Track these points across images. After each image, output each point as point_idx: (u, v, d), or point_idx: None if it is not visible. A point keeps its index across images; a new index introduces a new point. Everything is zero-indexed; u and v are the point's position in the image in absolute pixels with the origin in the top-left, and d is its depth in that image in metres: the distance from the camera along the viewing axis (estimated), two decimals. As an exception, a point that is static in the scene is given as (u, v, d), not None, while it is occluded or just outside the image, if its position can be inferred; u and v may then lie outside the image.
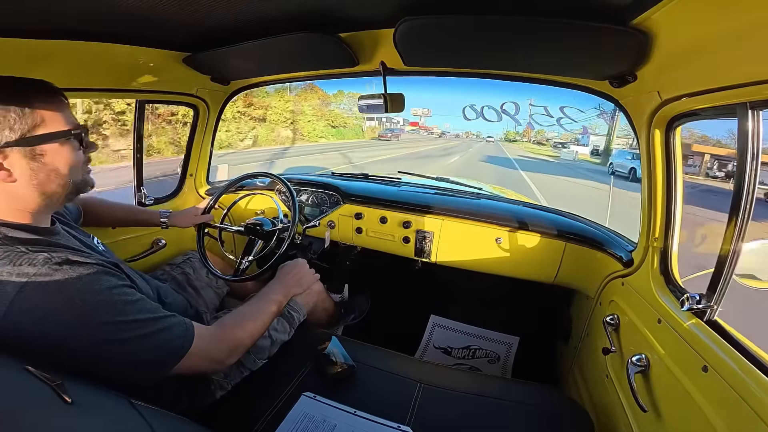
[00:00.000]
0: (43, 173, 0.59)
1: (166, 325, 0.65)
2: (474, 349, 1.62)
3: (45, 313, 0.52)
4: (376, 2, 0.74)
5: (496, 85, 6.36)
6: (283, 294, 1.00)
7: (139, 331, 0.60)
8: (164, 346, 0.64)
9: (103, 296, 0.57)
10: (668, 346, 0.73)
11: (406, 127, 42.14)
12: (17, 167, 0.57)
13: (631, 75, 0.79)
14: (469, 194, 1.58)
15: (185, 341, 0.66)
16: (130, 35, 0.87)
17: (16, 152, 0.56)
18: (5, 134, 0.55)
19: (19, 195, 0.59)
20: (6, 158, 0.56)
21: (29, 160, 0.58)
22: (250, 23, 0.83)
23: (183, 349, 0.66)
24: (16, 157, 0.57)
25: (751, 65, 0.53)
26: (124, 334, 0.58)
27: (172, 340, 0.65)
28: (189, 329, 0.69)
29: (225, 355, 0.76)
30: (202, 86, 1.35)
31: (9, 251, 0.53)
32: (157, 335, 0.62)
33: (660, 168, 0.86)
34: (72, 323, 0.53)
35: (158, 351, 0.63)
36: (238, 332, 0.81)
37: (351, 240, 1.57)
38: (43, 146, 0.59)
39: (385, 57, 1.02)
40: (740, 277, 0.66)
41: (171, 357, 0.64)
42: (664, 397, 0.72)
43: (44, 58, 0.84)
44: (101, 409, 0.47)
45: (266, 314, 0.91)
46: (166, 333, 0.64)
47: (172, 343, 0.65)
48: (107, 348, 0.56)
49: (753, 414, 0.50)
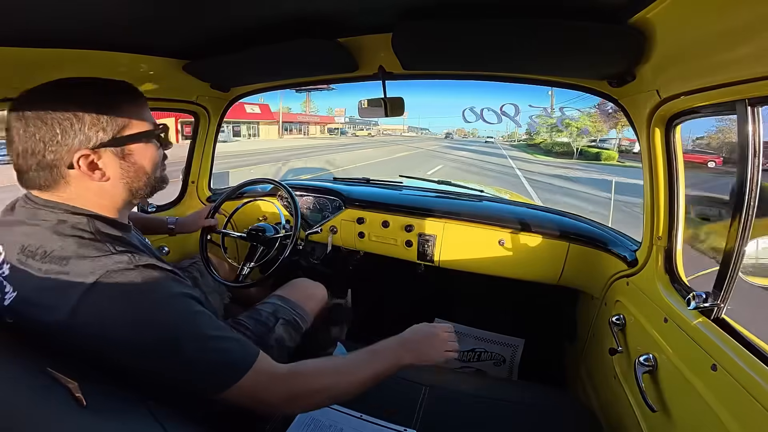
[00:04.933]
0: (131, 171, 0.62)
1: (227, 346, 0.58)
2: (479, 351, 1.61)
3: (120, 313, 0.51)
4: (374, 7, 0.75)
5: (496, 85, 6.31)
6: (406, 358, 0.72)
7: (207, 344, 0.56)
8: (216, 369, 0.57)
9: (179, 305, 0.56)
10: (676, 345, 0.73)
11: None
12: (110, 166, 0.59)
13: (630, 74, 0.79)
14: (471, 197, 1.58)
15: (236, 371, 0.57)
16: (131, 44, 0.88)
17: (108, 152, 0.59)
18: (99, 135, 0.57)
19: (110, 192, 0.61)
20: (100, 158, 0.58)
21: (120, 159, 0.60)
22: (249, 30, 0.83)
23: (235, 374, 0.57)
24: (109, 157, 0.59)
25: (749, 62, 0.53)
26: (192, 346, 0.55)
27: (227, 363, 0.57)
28: (249, 357, 0.59)
29: (278, 401, 0.61)
30: (202, 93, 1.36)
31: (99, 247, 0.55)
32: (216, 353, 0.57)
33: (661, 167, 0.86)
34: (146, 327, 0.52)
35: (212, 371, 0.57)
36: (312, 381, 0.64)
37: (353, 245, 1.57)
38: (131, 146, 0.61)
39: (384, 61, 1.02)
40: (746, 274, 0.66)
41: (219, 382, 0.56)
42: (673, 397, 0.71)
43: (47, 67, 0.84)
44: (116, 414, 0.46)
45: (366, 372, 0.68)
46: (224, 354, 0.58)
47: (222, 368, 0.57)
48: (168, 361, 0.54)
49: (764, 412, 0.49)
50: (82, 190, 0.59)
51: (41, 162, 0.56)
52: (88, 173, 0.57)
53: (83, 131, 0.56)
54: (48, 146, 0.55)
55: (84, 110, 0.56)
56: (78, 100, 0.57)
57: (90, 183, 0.59)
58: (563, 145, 23.85)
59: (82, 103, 0.56)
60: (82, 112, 0.56)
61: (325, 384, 0.65)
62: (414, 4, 0.70)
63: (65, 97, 0.57)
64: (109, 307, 0.51)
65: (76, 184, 0.58)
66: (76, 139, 0.56)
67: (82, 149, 0.56)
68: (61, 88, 0.59)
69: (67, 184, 0.58)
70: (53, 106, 0.55)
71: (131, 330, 0.52)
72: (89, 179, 0.58)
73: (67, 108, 0.56)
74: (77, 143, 0.56)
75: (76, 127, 0.56)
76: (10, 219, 0.58)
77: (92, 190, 0.59)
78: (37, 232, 0.54)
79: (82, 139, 0.56)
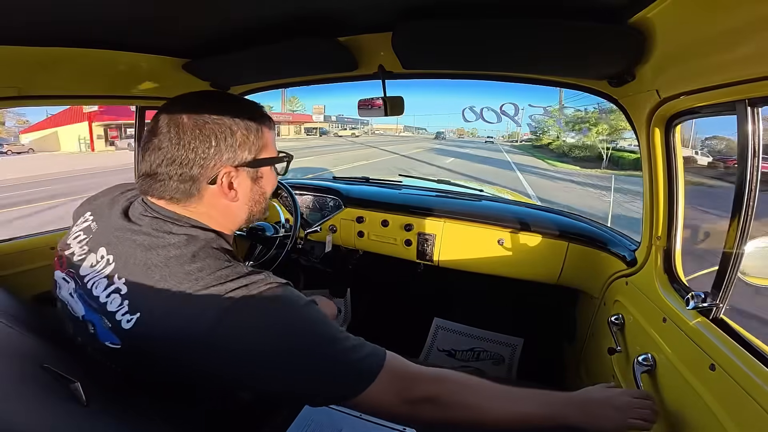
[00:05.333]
0: (257, 195, 0.61)
1: (356, 344, 0.55)
2: (478, 351, 1.61)
3: (263, 331, 0.49)
4: (374, 6, 0.75)
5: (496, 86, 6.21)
6: (572, 416, 0.60)
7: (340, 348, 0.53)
8: (351, 373, 0.53)
9: (313, 314, 0.53)
10: (674, 345, 0.73)
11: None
12: (242, 187, 0.58)
13: (630, 74, 0.79)
14: (470, 196, 1.58)
15: (371, 373, 0.53)
16: (131, 42, 0.88)
17: (244, 173, 0.58)
18: (244, 155, 0.56)
19: (234, 213, 0.60)
20: (236, 178, 0.57)
21: (252, 181, 0.60)
22: (249, 29, 0.83)
23: (370, 375, 0.53)
24: (243, 178, 0.58)
25: (749, 62, 0.53)
26: (329, 352, 0.52)
27: (362, 365, 0.54)
28: (378, 357, 0.55)
29: (415, 399, 0.55)
30: (203, 93, 1.36)
31: (232, 266, 0.52)
32: (350, 356, 0.53)
33: (661, 166, 0.86)
34: (290, 340, 0.50)
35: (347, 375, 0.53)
36: (456, 392, 0.58)
37: (353, 244, 1.57)
38: (262, 169, 0.61)
39: (384, 60, 1.02)
40: (745, 274, 0.66)
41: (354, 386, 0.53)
42: (671, 397, 0.71)
43: (46, 65, 0.84)
44: (116, 411, 0.46)
45: (515, 408, 0.59)
46: (357, 355, 0.54)
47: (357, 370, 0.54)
48: (305, 372, 0.51)
49: (762, 412, 0.50)
50: (211, 207, 0.57)
51: (184, 174, 0.53)
52: (224, 191, 0.56)
53: (233, 147, 0.55)
54: (198, 159, 0.53)
55: (237, 126, 0.55)
56: (232, 115, 0.55)
57: (220, 201, 0.57)
58: (582, 148, 19.20)
59: (235, 118, 0.55)
60: (235, 127, 0.55)
61: (469, 401, 0.58)
62: (414, 4, 0.69)
63: (221, 109, 0.55)
64: (253, 325, 0.49)
65: (207, 201, 0.56)
66: (225, 155, 0.54)
67: (227, 166, 0.55)
68: (214, 99, 0.58)
69: (199, 200, 0.56)
70: (211, 116, 0.54)
71: (275, 347, 0.49)
72: (222, 197, 0.57)
73: (223, 121, 0.54)
74: (225, 159, 0.55)
75: (229, 141, 0.54)
76: (123, 226, 0.54)
77: (219, 208, 0.58)
78: (164, 246, 0.51)
79: (230, 156, 0.55)
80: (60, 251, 0.61)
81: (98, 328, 0.51)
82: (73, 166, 11.71)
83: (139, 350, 0.49)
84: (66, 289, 0.56)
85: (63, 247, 0.60)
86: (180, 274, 0.49)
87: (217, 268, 0.50)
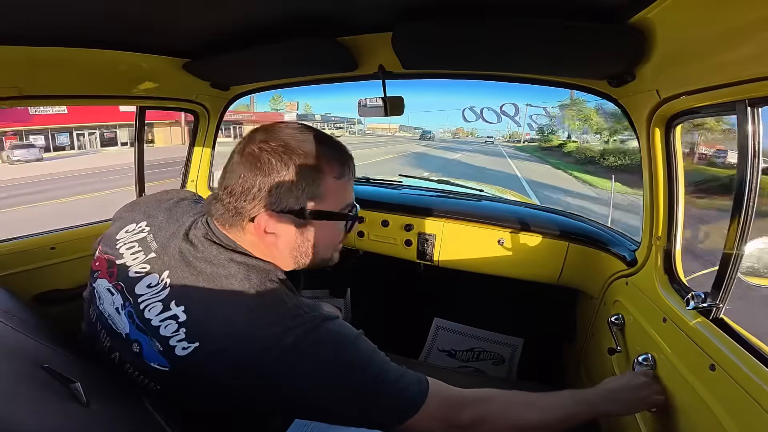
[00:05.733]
0: (304, 246, 0.59)
1: (400, 375, 0.56)
2: (478, 351, 1.61)
3: (321, 367, 0.50)
4: (374, 6, 0.75)
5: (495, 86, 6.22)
6: (601, 407, 0.67)
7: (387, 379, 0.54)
8: (396, 403, 0.54)
9: (364, 347, 0.54)
10: (674, 345, 0.73)
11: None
12: (284, 235, 0.56)
13: (630, 74, 0.79)
14: (471, 196, 1.58)
15: (415, 402, 0.55)
16: (131, 42, 0.88)
17: (288, 219, 0.55)
18: (288, 202, 0.53)
19: (279, 257, 0.58)
20: (276, 223, 0.55)
21: (297, 231, 0.57)
22: (249, 29, 0.83)
23: (413, 404, 0.54)
24: (286, 225, 0.55)
25: (750, 62, 0.53)
26: (378, 384, 0.53)
27: (406, 395, 0.55)
28: (422, 385, 0.57)
29: (462, 425, 0.57)
30: (202, 92, 1.36)
31: (293, 301, 0.53)
32: (395, 386, 0.54)
33: (661, 167, 0.86)
34: (346, 376, 0.51)
35: (393, 406, 0.54)
36: (498, 411, 0.60)
37: (353, 244, 1.57)
38: (315, 221, 0.58)
39: (384, 60, 1.02)
40: (745, 274, 0.66)
41: (400, 415, 0.54)
42: (671, 397, 0.71)
43: (47, 65, 0.84)
44: (117, 412, 0.46)
45: (557, 412, 0.63)
46: (402, 384, 0.55)
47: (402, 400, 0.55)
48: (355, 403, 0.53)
49: (762, 412, 0.50)
50: (256, 243, 0.56)
51: (230, 204, 0.54)
52: (260, 233, 0.54)
53: (278, 191, 0.52)
54: (244, 193, 0.52)
55: (287, 167, 0.52)
56: (290, 153, 0.52)
57: (262, 240, 0.55)
58: (617, 154, 13.35)
59: (292, 157, 0.52)
60: (286, 168, 0.52)
61: (515, 416, 0.61)
62: (414, 4, 0.69)
63: (284, 145, 0.53)
64: (309, 362, 0.49)
65: (249, 238, 0.55)
66: (267, 199, 0.52)
67: (268, 210, 0.53)
68: (288, 132, 0.55)
69: (243, 233, 0.55)
70: (269, 152, 0.52)
71: (325, 382, 0.50)
72: (261, 238, 0.55)
73: (278, 159, 0.52)
74: (266, 203, 0.53)
75: (276, 182, 0.52)
76: (185, 249, 0.54)
77: (262, 247, 0.56)
78: (226, 277, 0.51)
79: (273, 200, 0.52)
80: (105, 256, 0.59)
81: (145, 348, 0.50)
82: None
83: (190, 376, 0.49)
84: (110, 302, 0.55)
85: (111, 253, 0.58)
86: (242, 309, 0.49)
87: (279, 304, 0.51)
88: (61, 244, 1.16)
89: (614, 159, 13.42)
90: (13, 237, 1.13)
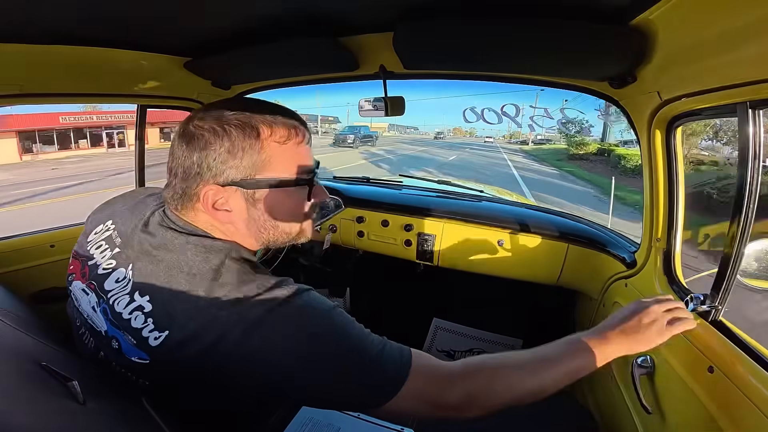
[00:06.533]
0: (261, 221, 0.57)
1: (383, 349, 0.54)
2: (477, 351, 1.61)
3: (296, 340, 0.49)
4: (375, 6, 0.75)
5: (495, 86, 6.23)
6: (613, 353, 0.60)
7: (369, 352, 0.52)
8: (380, 379, 0.52)
9: (340, 319, 0.53)
10: (673, 347, 0.73)
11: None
12: (236, 211, 0.55)
13: (631, 76, 0.79)
14: (471, 197, 1.58)
15: (398, 378, 0.52)
16: (132, 41, 0.88)
17: (237, 193, 0.54)
18: (230, 172, 0.52)
19: (238, 235, 0.57)
20: (223, 198, 0.54)
21: (247, 204, 0.55)
22: (250, 28, 0.83)
23: (396, 380, 0.51)
24: (236, 199, 0.54)
25: (751, 65, 0.53)
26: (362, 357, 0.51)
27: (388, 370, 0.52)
28: (405, 358, 0.54)
29: (454, 402, 0.53)
30: (203, 91, 1.36)
31: (253, 280, 0.51)
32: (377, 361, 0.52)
33: (661, 168, 0.86)
34: (323, 348, 0.49)
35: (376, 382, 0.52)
36: (492, 379, 0.56)
37: (353, 244, 1.57)
38: (263, 191, 0.56)
39: (385, 60, 1.02)
40: (745, 276, 0.66)
41: (383, 393, 0.51)
42: (669, 399, 0.71)
43: (47, 63, 0.84)
44: (114, 411, 0.46)
45: (558, 370, 0.59)
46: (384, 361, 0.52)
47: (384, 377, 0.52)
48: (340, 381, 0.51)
49: (760, 414, 0.50)
50: (212, 221, 0.54)
51: (177, 185, 0.53)
52: (209, 211, 0.53)
53: (218, 161, 0.51)
54: (189, 170, 0.51)
55: (228, 133, 0.50)
56: (228, 119, 0.51)
57: (216, 218, 0.54)
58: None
59: (230, 124, 0.51)
60: (226, 134, 0.50)
61: (510, 382, 0.57)
62: (415, 4, 0.69)
63: (219, 113, 0.52)
64: (281, 336, 0.48)
65: (203, 217, 0.54)
66: (209, 172, 0.51)
67: (209, 184, 0.51)
68: (225, 103, 0.54)
69: (195, 213, 0.54)
70: (208, 122, 0.51)
71: (302, 355, 0.48)
72: (213, 217, 0.54)
73: (217, 126, 0.50)
74: (208, 176, 0.51)
75: (216, 152, 0.50)
76: (143, 239, 0.53)
77: (220, 226, 0.55)
78: (186, 263, 0.50)
79: (216, 172, 0.51)
80: (79, 258, 0.59)
81: (123, 343, 0.50)
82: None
83: (170, 366, 0.49)
84: (86, 302, 0.55)
85: (83, 254, 0.58)
86: (202, 292, 0.48)
87: (240, 283, 0.50)
88: (61, 241, 1.16)
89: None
90: (12, 235, 1.13)
